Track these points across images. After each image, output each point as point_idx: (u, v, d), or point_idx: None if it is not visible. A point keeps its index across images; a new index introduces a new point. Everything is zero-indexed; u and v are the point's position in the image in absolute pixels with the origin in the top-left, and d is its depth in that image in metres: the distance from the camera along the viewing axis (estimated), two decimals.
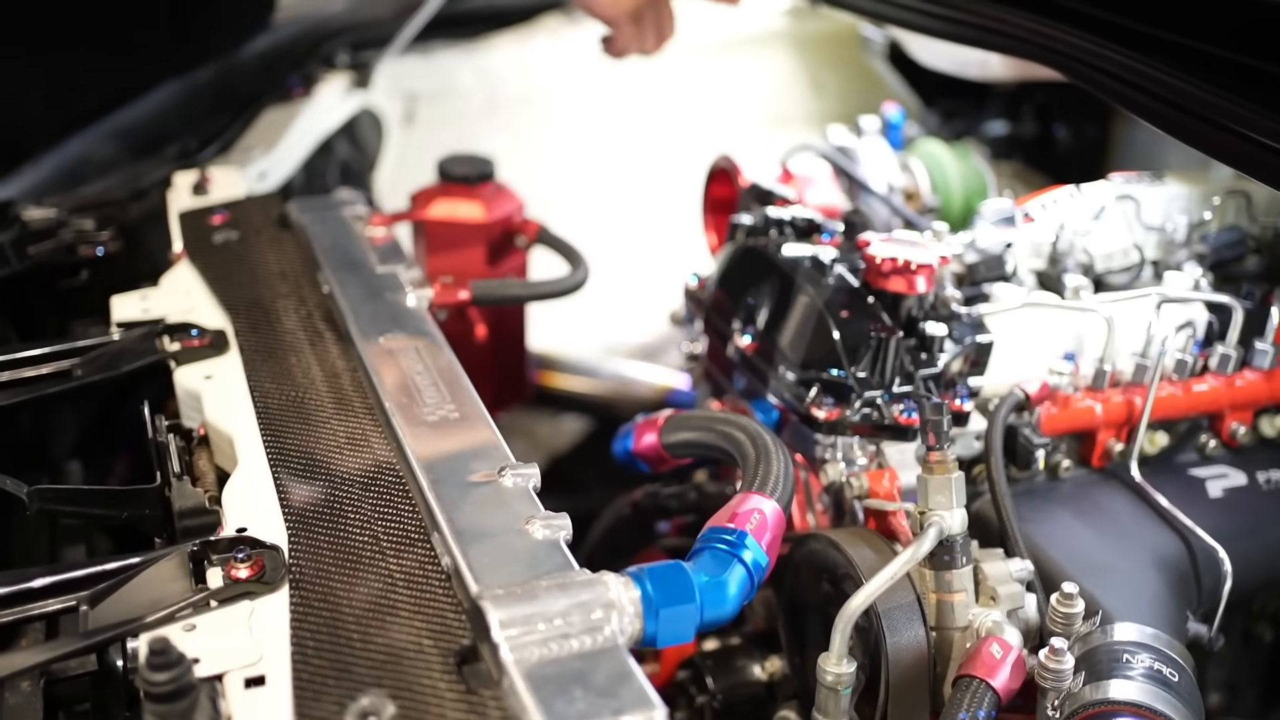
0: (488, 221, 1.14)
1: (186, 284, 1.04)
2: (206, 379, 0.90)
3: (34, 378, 0.92)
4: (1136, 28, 0.99)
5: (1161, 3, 0.98)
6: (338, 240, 1.07)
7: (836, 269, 0.95)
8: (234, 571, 0.68)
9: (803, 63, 1.82)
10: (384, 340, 0.90)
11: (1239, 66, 0.90)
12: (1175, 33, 0.96)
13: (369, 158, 1.55)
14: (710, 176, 1.26)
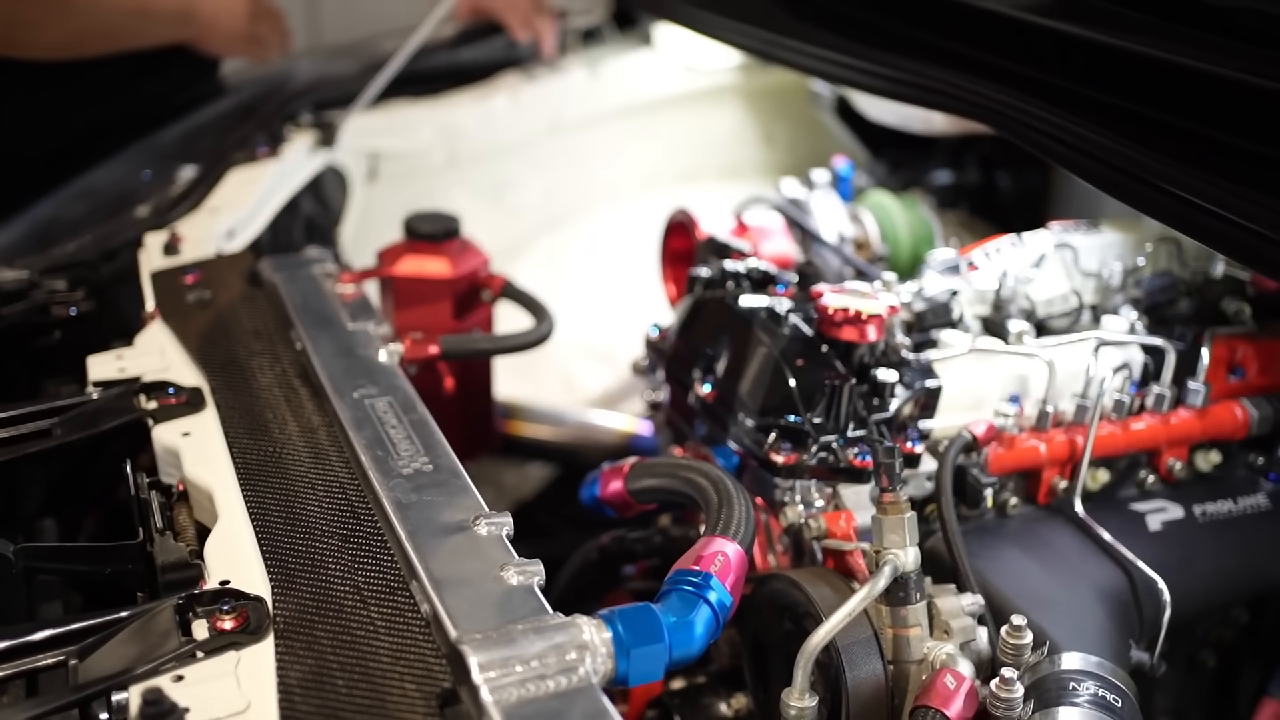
0: (454, 277, 1.17)
1: (161, 343, 1.06)
2: (184, 436, 0.92)
3: (13, 437, 0.94)
4: (1068, 88, 1.05)
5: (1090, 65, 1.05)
6: (309, 298, 1.10)
7: (791, 319, 0.99)
8: (219, 623, 0.71)
9: (754, 115, 1.88)
10: (357, 395, 0.93)
11: (1163, 126, 0.96)
12: (1105, 94, 1.02)
13: (333, 214, 1.58)
14: (668, 229, 1.31)
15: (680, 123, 1.85)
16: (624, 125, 1.81)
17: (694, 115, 1.85)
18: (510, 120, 1.71)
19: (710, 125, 1.87)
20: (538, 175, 1.76)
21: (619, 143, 1.81)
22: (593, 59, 1.78)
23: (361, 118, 1.56)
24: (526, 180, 1.75)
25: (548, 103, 1.73)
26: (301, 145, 1.49)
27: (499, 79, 1.72)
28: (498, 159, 1.71)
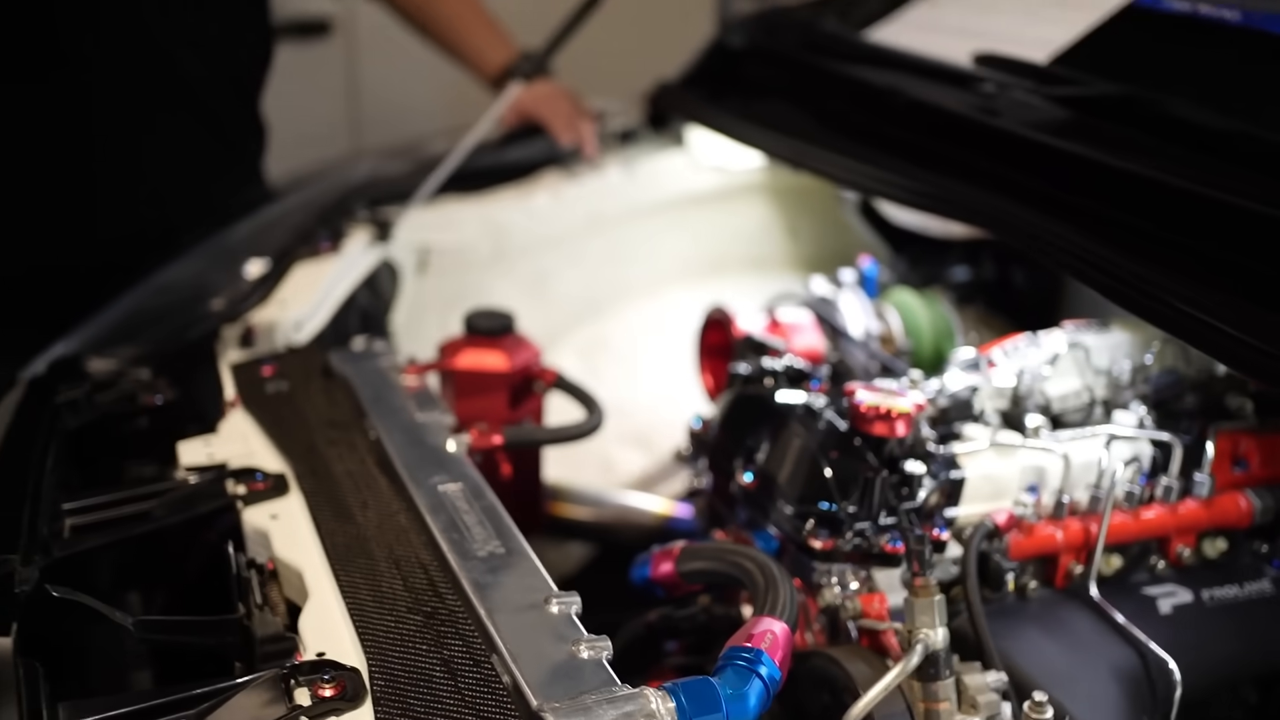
0: (510, 370, 1.27)
1: (244, 431, 1.15)
2: (273, 518, 1.01)
3: (117, 519, 1.03)
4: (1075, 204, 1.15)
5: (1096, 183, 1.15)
6: (378, 389, 1.19)
7: (826, 415, 1.08)
8: (320, 691, 0.79)
9: (780, 211, 1.99)
10: (432, 482, 1.02)
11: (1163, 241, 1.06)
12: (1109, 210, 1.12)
13: (385, 304, 1.68)
14: (705, 325, 1.40)
15: (710, 218, 1.95)
16: (658, 220, 1.91)
17: (723, 211, 1.96)
18: (551, 216, 1.81)
19: (739, 220, 1.98)
20: (576, 267, 1.86)
21: (653, 236, 1.92)
22: (628, 158, 1.89)
23: (414, 214, 1.66)
24: (566, 272, 1.85)
25: (586, 199, 1.83)
26: (360, 240, 1.60)
27: (541, 177, 1.83)
28: (539, 252, 1.81)
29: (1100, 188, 1.16)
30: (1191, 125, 1.18)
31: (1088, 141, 1.21)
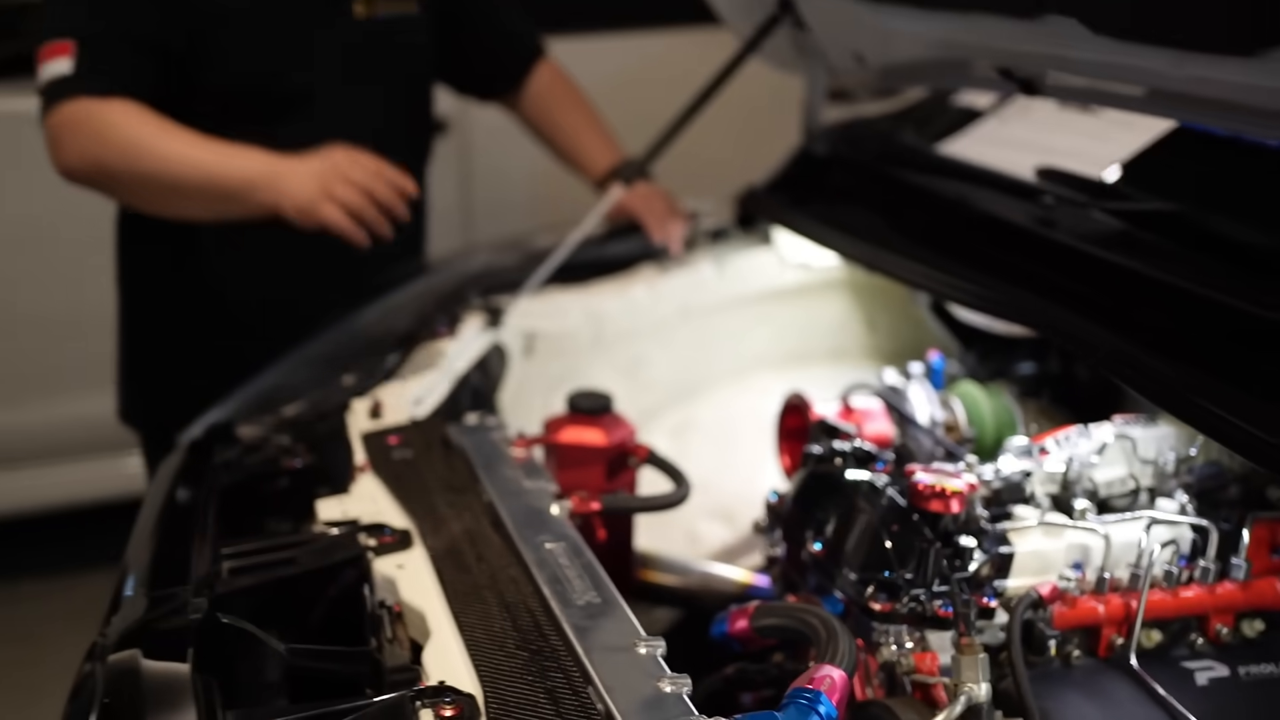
0: (607, 445, 1.42)
1: (373, 492, 1.32)
2: (399, 568, 1.17)
3: (266, 563, 1.19)
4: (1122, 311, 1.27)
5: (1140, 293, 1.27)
6: (491, 459, 1.35)
7: (889, 492, 1.21)
8: (442, 711, 0.93)
9: (859, 306, 2.13)
10: (538, 541, 1.17)
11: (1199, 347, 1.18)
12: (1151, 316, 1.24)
13: (493, 384, 1.84)
14: (784, 409, 1.54)
15: (794, 311, 2.09)
16: (744, 312, 2.06)
17: (806, 305, 2.10)
18: (647, 306, 1.97)
19: (820, 314, 2.12)
20: (669, 353, 2.01)
21: (740, 327, 2.07)
22: (719, 255, 2.04)
23: (522, 302, 1.84)
24: (659, 357, 2.00)
25: (679, 292, 1.99)
26: (473, 325, 1.77)
27: (638, 270, 1.99)
28: (635, 339, 1.97)
29: (1143, 296, 1.28)
30: (1231, 240, 1.30)
31: (1134, 253, 1.33)
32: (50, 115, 1.71)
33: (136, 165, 1.69)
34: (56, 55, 1.71)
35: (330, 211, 1.63)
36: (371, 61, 1.94)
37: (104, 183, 1.76)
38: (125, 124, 1.69)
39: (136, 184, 1.73)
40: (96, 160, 1.70)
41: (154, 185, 1.71)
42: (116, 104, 1.70)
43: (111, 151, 1.69)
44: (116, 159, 1.69)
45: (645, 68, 3.09)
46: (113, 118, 1.69)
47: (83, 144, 1.70)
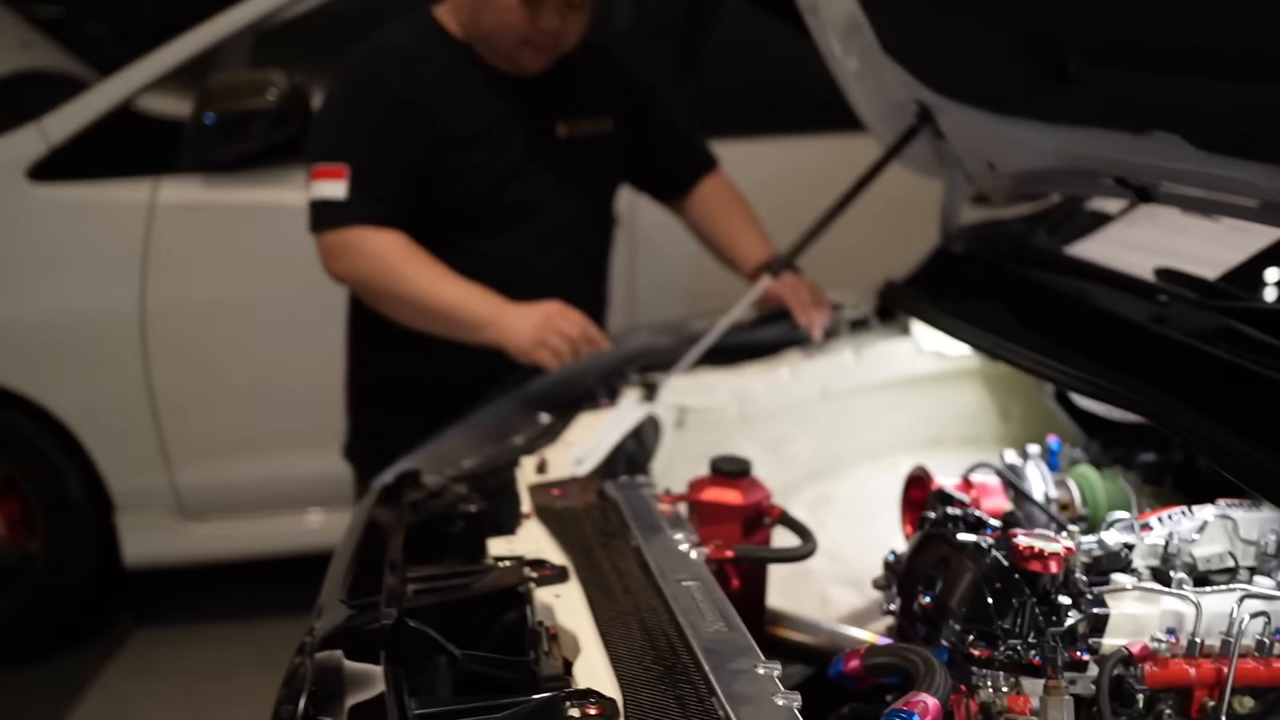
0: (744, 504, 1.58)
1: (536, 535, 1.51)
2: (556, 597, 1.35)
3: (444, 587, 1.40)
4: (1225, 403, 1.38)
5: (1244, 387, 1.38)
6: (639, 511, 1.53)
7: (993, 553, 1.34)
8: (588, 710, 1.11)
9: (993, 394, 2.25)
10: (676, 579, 1.34)
11: None
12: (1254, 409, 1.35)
13: (647, 452, 2.03)
14: (908, 482, 1.68)
15: (929, 398, 2.23)
16: (881, 397, 2.21)
17: (941, 392, 2.23)
18: (790, 388, 2.14)
19: (955, 401, 2.24)
20: (809, 433, 2.17)
21: (878, 411, 2.21)
22: (859, 343, 2.20)
23: (676, 380, 2.03)
24: (800, 436, 2.16)
25: (820, 375, 2.15)
26: (631, 398, 1.97)
27: (784, 355, 2.16)
28: (778, 418, 2.13)
29: (1247, 390, 1.39)
30: None
31: (1240, 349, 1.44)
32: (325, 234, 2.10)
33: (393, 289, 2.07)
34: (329, 178, 2.08)
35: (542, 355, 1.99)
36: (573, 174, 2.26)
37: (364, 293, 2.14)
38: (388, 253, 2.06)
39: (390, 301, 2.10)
40: (362, 278, 2.10)
41: (404, 305, 2.08)
42: (382, 234, 2.07)
43: (375, 274, 2.08)
44: (378, 281, 2.08)
45: (797, 168, 3.29)
46: (379, 247, 2.06)
47: (351, 263, 2.09)
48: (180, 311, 3.12)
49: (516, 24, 2.08)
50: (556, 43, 2.12)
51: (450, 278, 2.07)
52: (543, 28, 2.08)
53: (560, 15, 2.08)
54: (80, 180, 3.07)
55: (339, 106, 2.17)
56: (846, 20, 1.90)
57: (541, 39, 2.10)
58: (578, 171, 2.28)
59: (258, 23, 3.16)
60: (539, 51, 2.13)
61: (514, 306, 2.06)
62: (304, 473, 3.26)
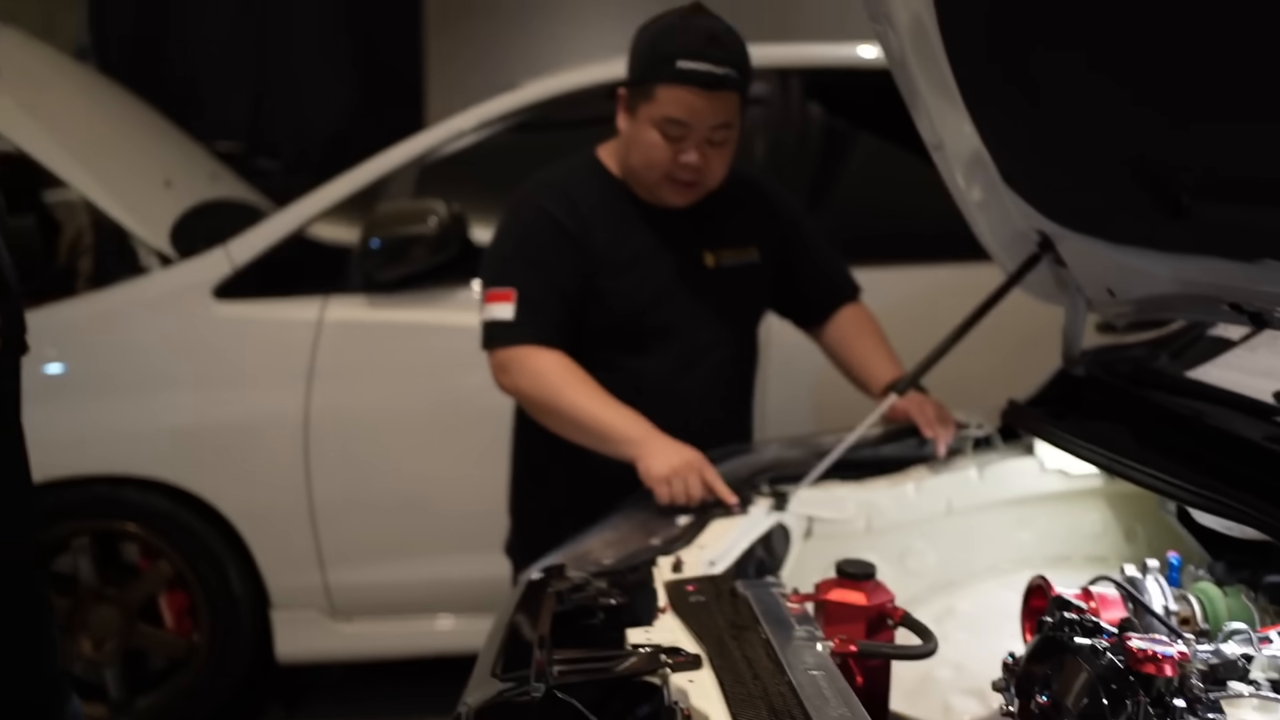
0: (868, 605, 1.67)
1: (672, 626, 1.62)
2: (690, 682, 1.45)
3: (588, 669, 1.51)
4: None
5: None
6: (770, 608, 1.63)
7: (1108, 656, 1.40)
8: None
9: (1118, 514, 2.29)
10: (803, 668, 1.43)
11: None
12: None
13: (776, 560, 2.13)
14: (1029, 590, 1.75)
15: (1053, 517, 2.28)
16: (1005, 514, 2.27)
17: (1065, 511, 2.28)
18: (915, 502, 2.22)
19: (1079, 520, 2.29)
20: (934, 547, 2.23)
21: (1001, 528, 2.27)
22: (982, 461, 2.28)
23: (805, 491, 2.13)
24: (925, 550, 2.23)
25: (946, 491, 2.23)
26: (762, 507, 2.08)
27: (909, 471, 2.25)
28: (903, 531, 2.21)
29: None
30: None
31: None
32: (496, 352, 2.32)
33: (552, 404, 2.26)
34: (501, 301, 2.31)
35: (662, 491, 2.10)
36: (717, 301, 2.43)
37: (528, 405, 2.34)
38: (549, 371, 2.27)
39: (550, 414, 2.29)
40: (526, 392, 2.29)
41: (562, 420, 2.27)
42: (546, 353, 2.28)
43: (537, 390, 2.28)
44: (540, 396, 2.28)
45: (923, 294, 3.41)
46: (542, 365, 2.27)
47: (517, 378, 2.29)
48: (340, 421, 3.35)
49: (660, 160, 2.26)
50: (699, 178, 2.29)
51: (604, 397, 2.23)
52: (684, 163, 2.25)
53: (701, 152, 2.25)
54: (258, 298, 3.36)
55: (508, 236, 2.38)
56: (970, 155, 2.03)
57: (683, 174, 2.27)
58: (722, 299, 2.44)
59: (420, 158, 3.46)
60: (683, 187, 2.30)
61: (662, 437, 2.18)
62: (447, 578, 3.44)
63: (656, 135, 2.25)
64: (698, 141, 2.25)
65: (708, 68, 2.18)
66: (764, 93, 3.53)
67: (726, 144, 2.29)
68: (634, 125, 2.29)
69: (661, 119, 2.23)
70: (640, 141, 2.28)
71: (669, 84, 2.20)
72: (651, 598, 1.76)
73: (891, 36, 1.91)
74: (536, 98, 3.50)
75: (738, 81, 2.23)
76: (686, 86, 2.19)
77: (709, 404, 2.47)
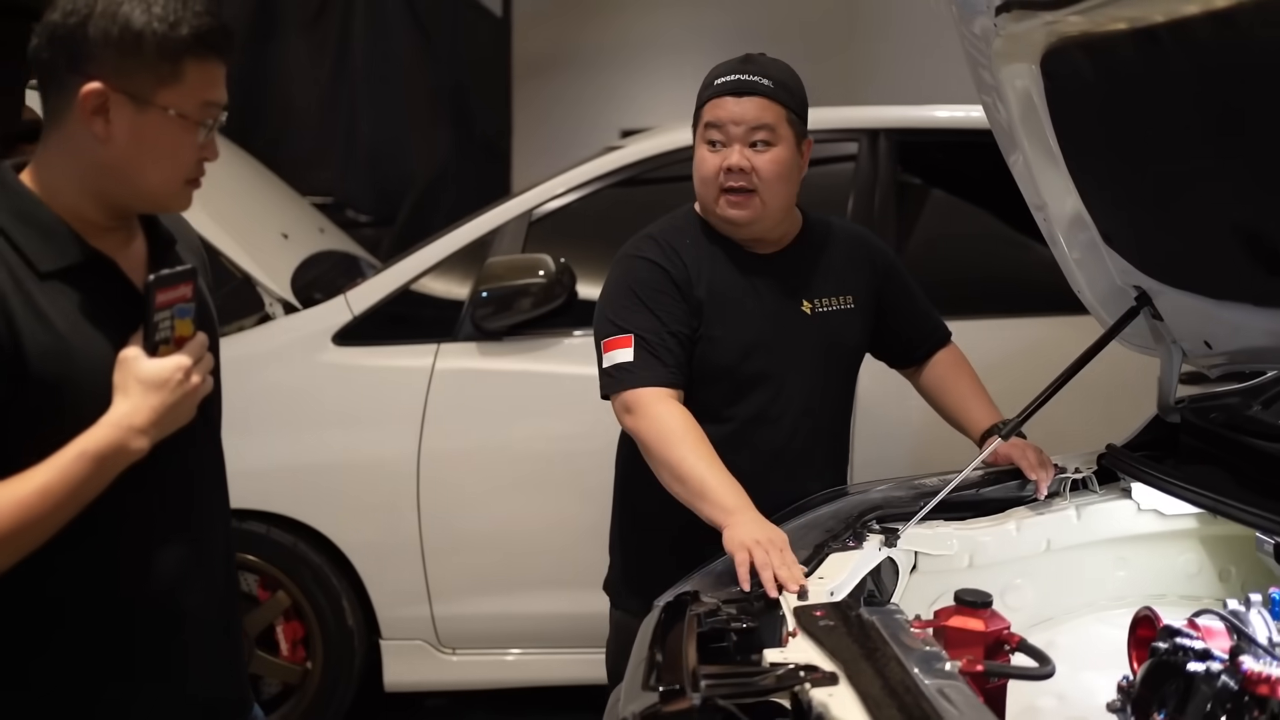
0: (985, 631, 1.80)
1: (805, 647, 1.77)
2: (830, 696, 1.60)
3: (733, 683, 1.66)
4: None
5: None
6: (894, 631, 1.77)
7: (1223, 678, 1.53)
8: None
9: (1213, 555, 2.40)
10: (932, 683, 1.57)
11: None
12: None
13: (885, 592, 2.26)
14: (1136, 621, 1.87)
15: (1149, 556, 2.38)
16: (1103, 553, 2.38)
17: (1161, 551, 2.39)
18: (1015, 541, 2.34)
19: (1174, 560, 2.39)
20: (1033, 583, 2.35)
21: (1097, 567, 2.38)
22: (1080, 502, 2.40)
23: (912, 529, 2.27)
24: (1024, 587, 2.35)
25: (1045, 531, 2.35)
26: (874, 542, 2.22)
27: (1010, 512, 2.38)
28: (1004, 568, 2.33)
29: None
30: None
31: None
32: (621, 395, 2.41)
33: (663, 453, 2.33)
34: (620, 347, 2.42)
35: (741, 558, 2.10)
36: (814, 346, 2.55)
37: (643, 447, 2.41)
38: (669, 418, 2.35)
39: (657, 462, 2.36)
40: (644, 436, 2.37)
41: (668, 470, 2.33)
42: (669, 400, 2.38)
43: (654, 436, 2.35)
44: (655, 443, 2.34)
45: (1023, 346, 3.54)
46: (663, 411, 2.36)
47: (639, 420, 2.38)
48: (449, 461, 3.53)
49: (710, 173, 2.43)
50: (748, 183, 2.42)
51: (712, 459, 2.31)
52: (729, 166, 2.40)
53: (744, 156, 2.41)
54: (375, 344, 3.56)
55: (619, 287, 2.51)
56: (1072, 216, 2.18)
57: (732, 180, 2.42)
58: (819, 344, 2.57)
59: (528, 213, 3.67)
60: (737, 198, 2.43)
61: (754, 511, 2.23)
62: (544, 612, 3.59)
63: (705, 150, 2.45)
64: (738, 146, 2.41)
65: (737, 77, 2.42)
66: (851, 151, 3.72)
67: (771, 151, 2.42)
68: (695, 156, 2.49)
69: (703, 131, 2.45)
70: (697, 167, 2.48)
71: (708, 101, 2.44)
72: (777, 623, 1.90)
73: (1000, 108, 2.07)
74: (637, 156, 3.70)
75: (770, 89, 2.41)
76: (720, 97, 2.42)
77: (806, 447, 2.59)
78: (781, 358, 2.54)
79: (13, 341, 1.50)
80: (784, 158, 2.43)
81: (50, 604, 1.60)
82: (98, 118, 1.54)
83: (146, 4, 1.55)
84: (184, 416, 1.66)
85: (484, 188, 7.29)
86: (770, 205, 2.46)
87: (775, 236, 2.55)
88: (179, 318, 1.68)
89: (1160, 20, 1.59)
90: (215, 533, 1.81)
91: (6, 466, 1.49)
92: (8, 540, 1.46)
